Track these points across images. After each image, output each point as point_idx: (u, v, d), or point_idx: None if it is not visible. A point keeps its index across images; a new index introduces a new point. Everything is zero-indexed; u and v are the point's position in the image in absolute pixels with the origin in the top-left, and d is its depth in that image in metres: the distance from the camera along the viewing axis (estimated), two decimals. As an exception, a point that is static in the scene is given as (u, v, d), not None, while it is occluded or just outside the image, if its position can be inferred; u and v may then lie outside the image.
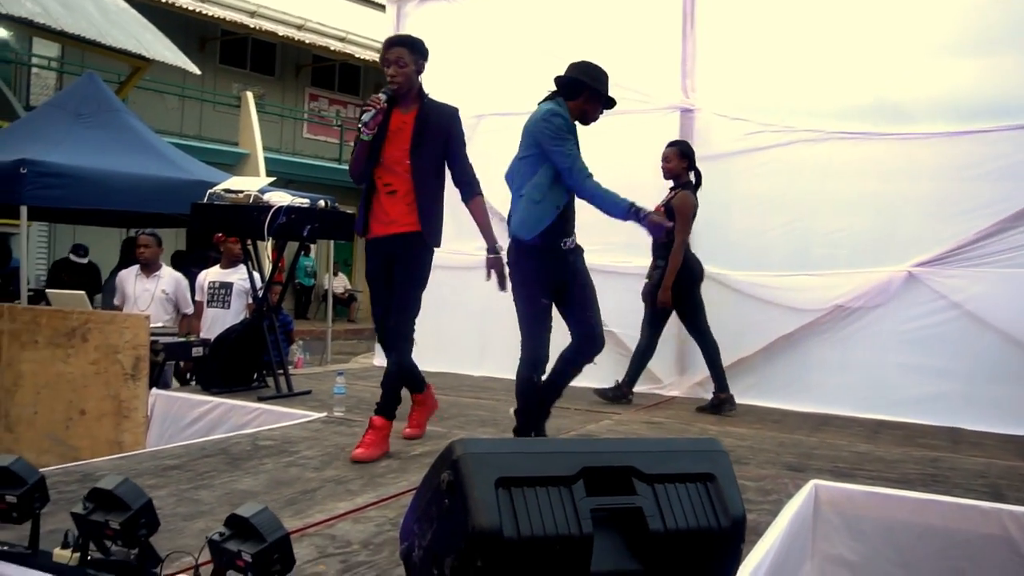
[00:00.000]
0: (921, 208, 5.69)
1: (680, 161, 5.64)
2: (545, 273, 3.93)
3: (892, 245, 5.75)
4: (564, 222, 3.97)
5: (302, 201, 5.27)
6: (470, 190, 4.07)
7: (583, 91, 4.09)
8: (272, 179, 5.57)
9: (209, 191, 5.44)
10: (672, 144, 5.76)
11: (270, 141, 16.79)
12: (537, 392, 4.03)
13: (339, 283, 17.40)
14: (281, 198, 5.22)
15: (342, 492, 3.28)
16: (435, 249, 4.03)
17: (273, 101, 18.54)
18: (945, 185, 5.62)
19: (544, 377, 4.03)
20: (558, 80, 4.19)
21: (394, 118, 3.92)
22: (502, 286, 4.01)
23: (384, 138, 3.91)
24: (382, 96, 3.85)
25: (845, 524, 3.69)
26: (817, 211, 5.97)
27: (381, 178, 3.95)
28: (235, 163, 14.47)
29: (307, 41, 17.72)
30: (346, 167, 17.61)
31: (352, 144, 4.13)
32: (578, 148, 4.01)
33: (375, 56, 18.54)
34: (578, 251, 4.09)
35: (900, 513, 3.62)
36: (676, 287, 5.59)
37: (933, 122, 5.67)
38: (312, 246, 10.80)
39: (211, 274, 6.53)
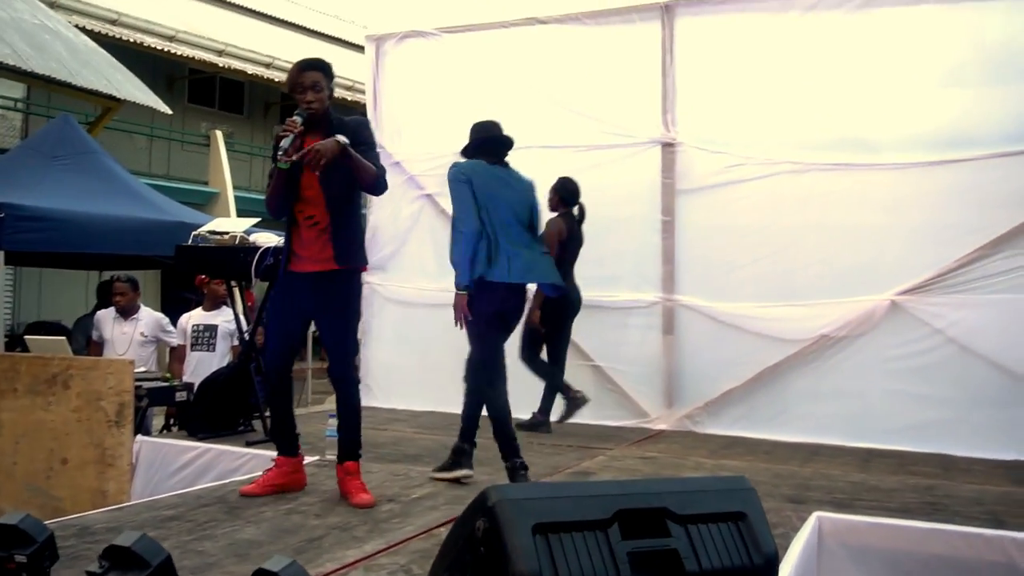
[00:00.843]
0: (903, 237, 5.78)
1: (553, 195, 5.97)
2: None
3: (875, 274, 5.82)
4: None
5: (289, 241, 5.21)
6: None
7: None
8: (257, 219, 5.51)
9: (194, 233, 5.38)
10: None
11: (239, 179, 16.67)
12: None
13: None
14: (268, 239, 5.17)
15: (348, 539, 3.22)
16: (362, 272, 3.99)
17: (242, 139, 18.44)
18: (926, 214, 5.71)
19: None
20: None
21: (306, 145, 3.67)
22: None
23: (300, 169, 3.73)
24: (298, 119, 3.68)
25: (850, 555, 3.68)
26: (800, 242, 6.03)
27: (302, 212, 3.83)
28: (205, 202, 14.36)
29: (276, 79, 17.64)
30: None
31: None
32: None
33: (344, 94, 18.58)
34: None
35: (904, 543, 3.62)
36: (549, 311, 5.73)
37: (912, 152, 5.77)
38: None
39: (194, 317, 6.45)
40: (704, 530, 2.05)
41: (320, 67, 3.85)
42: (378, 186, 3.87)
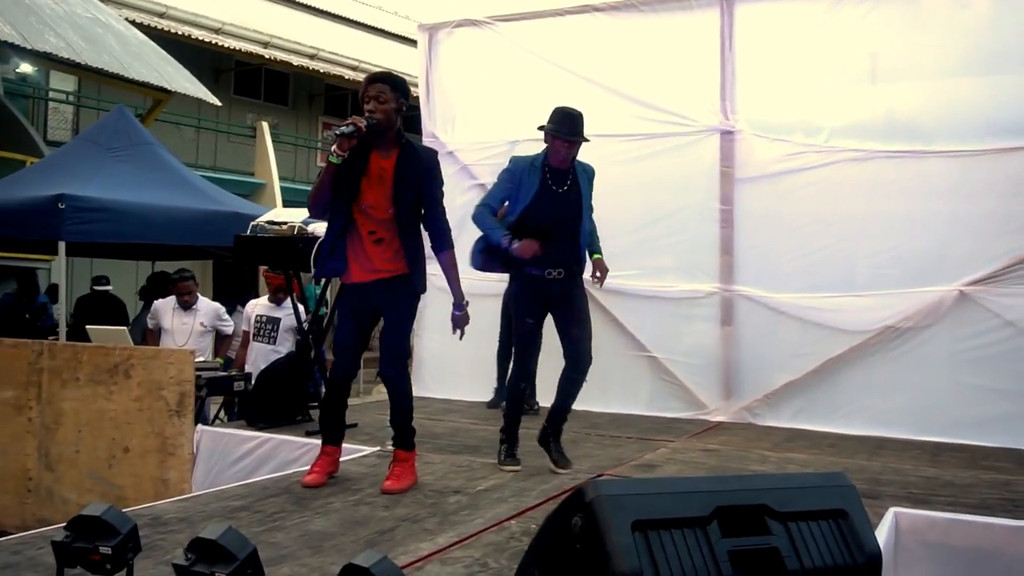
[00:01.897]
0: (971, 226, 5.61)
1: None
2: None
3: (942, 264, 5.66)
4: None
5: (347, 232, 5.20)
6: (443, 241, 4.01)
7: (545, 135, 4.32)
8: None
9: (252, 223, 5.39)
10: None
11: (284, 170, 16.77)
12: (522, 400, 4.54)
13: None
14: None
15: (419, 532, 3.19)
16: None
17: (287, 130, 18.54)
18: (996, 202, 5.54)
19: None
20: None
21: (373, 162, 3.78)
22: (460, 336, 4.15)
23: (361, 180, 3.77)
24: (362, 121, 3.68)
25: (929, 553, 3.59)
26: (864, 231, 5.89)
27: (364, 225, 3.84)
28: (251, 193, 14.45)
29: (320, 70, 17.73)
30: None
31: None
32: (499, 193, 4.38)
33: (388, 84, 18.66)
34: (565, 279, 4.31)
35: (987, 541, 3.52)
36: None
37: (978, 139, 5.59)
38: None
39: (259, 307, 6.47)
40: (804, 528, 1.98)
41: (387, 80, 3.82)
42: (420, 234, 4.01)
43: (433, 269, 7.32)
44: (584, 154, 6.70)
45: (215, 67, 17.08)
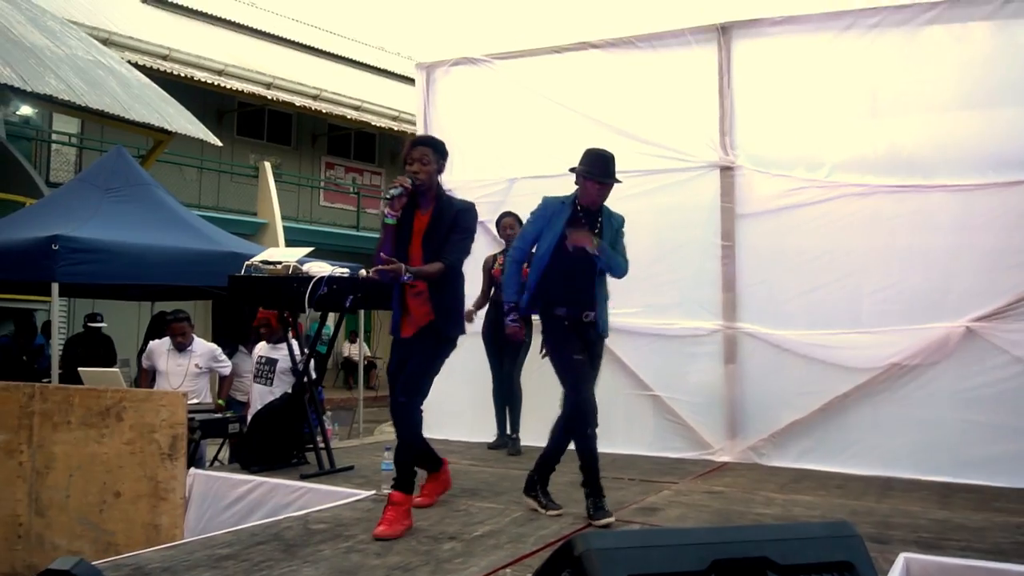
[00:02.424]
0: (975, 260, 5.52)
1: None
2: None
3: (948, 300, 5.57)
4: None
5: (342, 271, 5.14)
6: (443, 257, 3.99)
7: (577, 177, 4.36)
8: (310, 249, 5.43)
9: (246, 263, 5.32)
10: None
11: (287, 210, 16.79)
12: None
13: (356, 350, 17.24)
14: (321, 268, 5.09)
15: (411, 581, 3.08)
16: (455, 340, 4.10)
17: (290, 170, 18.61)
18: (1001, 236, 5.45)
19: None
20: None
21: (416, 219, 4.05)
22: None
23: (409, 239, 4.03)
24: (408, 180, 3.95)
25: (941, 601, 3.46)
26: (866, 266, 5.81)
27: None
28: (254, 232, 14.46)
29: (323, 110, 17.84)
30: (364, 234, 17.47)
31: (369, 213, 4.18)
32: (531, 230, 4.38)
33: (390, 123, 18.75)
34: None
35: (1001, 587, 3.39)
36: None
37: (982, 173, 5.53)
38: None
39: (261, 348, 6.42)
40: (809, 582, 1.88)
41: (430, 144, 4.12)
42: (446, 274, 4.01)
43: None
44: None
45: (218, 108, 17.20)
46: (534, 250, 4.36)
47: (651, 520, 4.18)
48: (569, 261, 4.21)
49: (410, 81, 20.81)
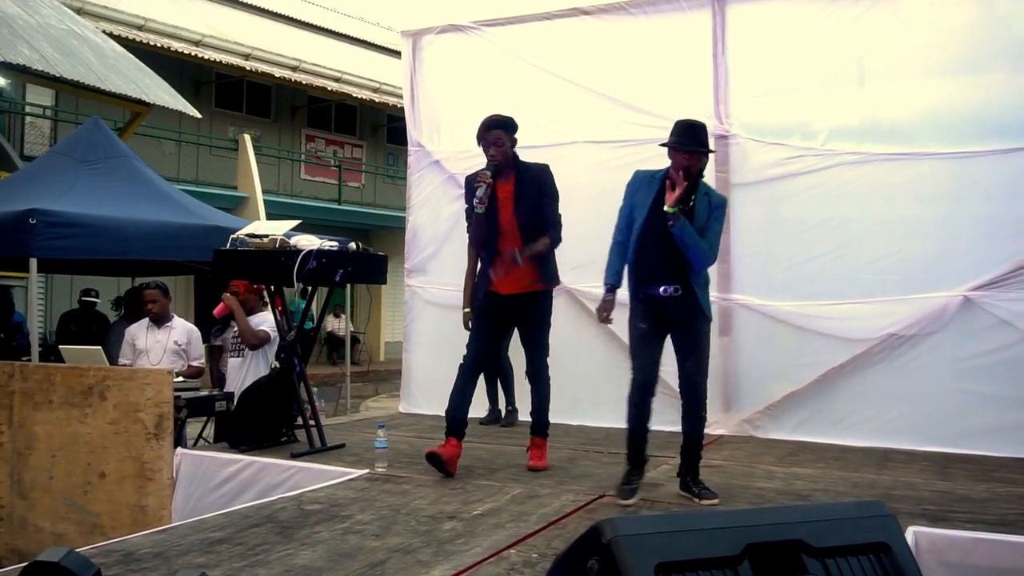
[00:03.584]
0: (974, 229, 5.46)
1: None
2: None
3: (945, 269, 5.51)
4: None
5: (331, 244, 5.00)
6: (545, 227, 4.59)
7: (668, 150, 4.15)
8: (298, 221, 5.28)
9: (232, 236, 5.16)
10: None
11: (267, 183, 16.55)
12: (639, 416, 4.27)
13: (340, 325, 17.07)
14: (310, 242, 4.94)
15: (413, 564, 2.98)
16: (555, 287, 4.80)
17: (269, 143, 18.32)
18: (999, 204, 5.39)
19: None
20: None
21: (499, 190, 4.51)
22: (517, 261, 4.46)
23: (496, 210, 4.50)
24: (488, 172, 4.45)
25: (950, 573, 3.40)
26: (864, 236, 5.73)
27: (504, 245, 4.50)
28: (234, 206, 14.24)
29: (303, 82, 17.54)
30: (345, 207, 17.31)
31: (348, 184, 4.32)
32: (624, 207, 4.28)
33: (371, 95, 18.48)
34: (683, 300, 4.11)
35: (1010, 560, 3.34)
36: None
37: (980, 140, 5.45)
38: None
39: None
40: (844, 564, 1.78)
41: (502, 124, 4.57)
42: (554, 246, 4.65)
43: (419, 281, 7.22)
44: (575, 161, 6.59)
45: (196, 80, 16.87)
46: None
47: (653, 496, 4.11)
48: (655, 237, 4.01)
49: (391, 53, 20.57)
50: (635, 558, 1.60)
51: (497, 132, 4.52)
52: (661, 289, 4.05)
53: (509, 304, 4.60)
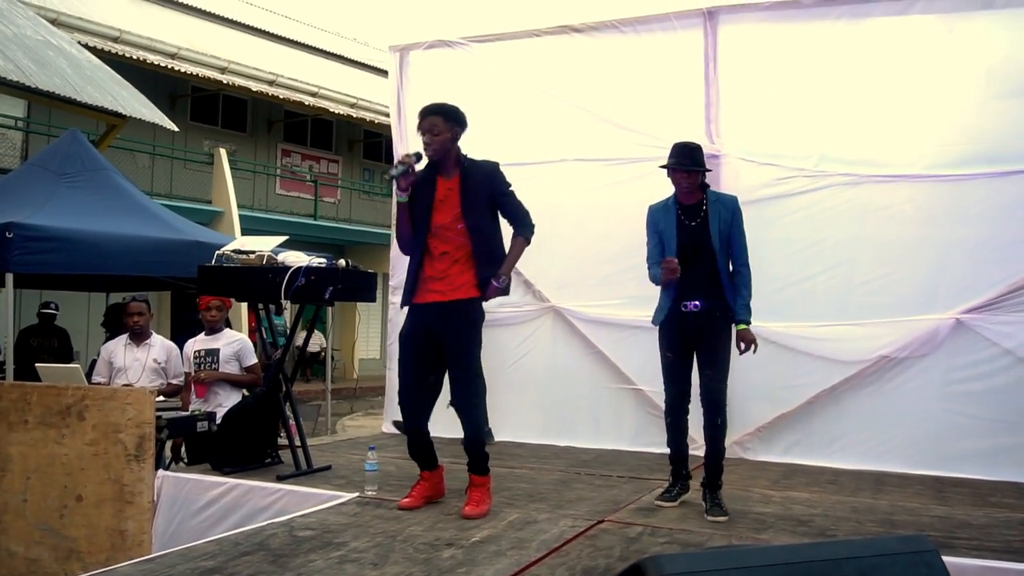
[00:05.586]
0: (967, 252, 5.45)
1: None
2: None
3: (937, 291, 5.50)
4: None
5: (319, 261, 4.89)
6: (518, 227, 4.20)
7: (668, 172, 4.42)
8: (284, 238, 5.16)
9: (217, 252, 5.03)
10: None
11: (243, 198, 16.37)
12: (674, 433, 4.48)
13: (315, 341, 16.85)
14: (298, 258, 4.83)
15: (415, 594, 2.87)
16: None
17: (245, 157, 18.14)
18: (992, 227, 5.39)
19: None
20: None
21: (439, 187, 4.08)
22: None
23: (431, 207, 4.05)
24: (411, 155, 4.05)
25: (960, 603, 3.34)
26: (855, 257, 5.72)
27: (436, 247, 4.06)
28: (208, 221, 14.04)
29: (279, 96, 17.41)
30: (321, 223, 17.13)
31: (324, 199, 4.13)
32: (651, 243, 4.53)
33: (349, 111, 18.38)
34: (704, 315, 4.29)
35: (1021, 589, 3.29)
36: None
37: (974, 163, 5.46)
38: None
39: (197, 343, 6.00)
40: (890, 603, 1.72)
41: (439, 111, 4.06)
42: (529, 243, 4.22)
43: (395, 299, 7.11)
44: (563, 179, 6.54)
45: (171, 93, 16.69)
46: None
47: (652, 522, 4.02)
48: (686, 255, 4.26)
49: (369, 68, 20.43)
50: (681, 599, 1.52)
51: (433, 119, 4.02)
52: (681, 304, 4.31)
53: (431, 312, 4.08)
